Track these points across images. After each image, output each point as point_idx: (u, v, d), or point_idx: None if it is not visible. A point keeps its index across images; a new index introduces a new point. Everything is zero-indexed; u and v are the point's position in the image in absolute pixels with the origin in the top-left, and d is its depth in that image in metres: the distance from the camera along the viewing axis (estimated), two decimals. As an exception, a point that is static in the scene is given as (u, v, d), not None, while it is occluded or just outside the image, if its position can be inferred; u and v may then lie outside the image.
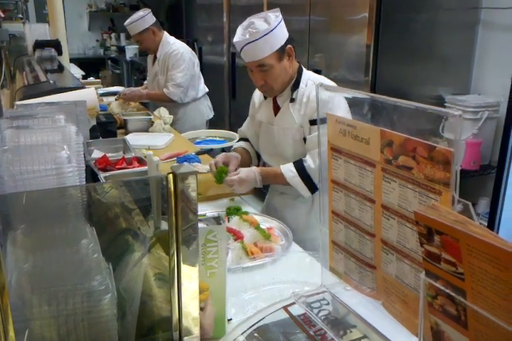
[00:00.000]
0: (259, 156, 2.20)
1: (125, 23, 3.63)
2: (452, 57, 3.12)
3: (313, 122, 1.85)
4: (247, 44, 1.79)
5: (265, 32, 1.77)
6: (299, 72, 1.95)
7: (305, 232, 1.85)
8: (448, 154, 0.57)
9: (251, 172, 1.89)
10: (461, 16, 3.09)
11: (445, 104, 3.10)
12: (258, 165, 2.18)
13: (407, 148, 0.63)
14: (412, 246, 0.67)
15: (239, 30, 1.84)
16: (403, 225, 0.68)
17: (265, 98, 2.05)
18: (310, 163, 1.82)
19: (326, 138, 0.82)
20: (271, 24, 1.79)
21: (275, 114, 2.00)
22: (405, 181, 0.65)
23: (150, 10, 3.65)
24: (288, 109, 1.93)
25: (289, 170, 1.86)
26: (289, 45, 1.88)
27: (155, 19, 3.66)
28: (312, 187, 1.84)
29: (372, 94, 0.74)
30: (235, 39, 1.83)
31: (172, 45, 3.67)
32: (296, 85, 1.91)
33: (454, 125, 0.56)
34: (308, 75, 1.95)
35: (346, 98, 1.27)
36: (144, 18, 3.56)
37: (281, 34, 1.85)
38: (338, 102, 1.59)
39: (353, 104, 0.73)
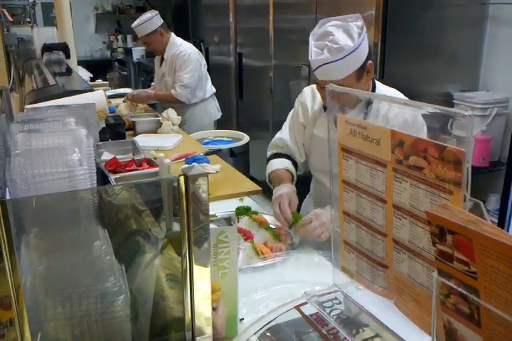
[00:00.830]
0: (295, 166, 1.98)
1: (133, 25, 3.63)
2: (460, 53, 3.10)
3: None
4: (325, 64, 1.53)
5: (349, 51, 1.51)
6: (373, 86, 1.72)
7: None
8: (459, 154, 0.57)
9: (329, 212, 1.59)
10: (469, 12, 3.08)
11: (453, 101, 3.08)
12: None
13: (418, 148, 0.64)
14: (423, 245, 0.68)
15: (313, 41, 1.57)
16: (415, 225, 0.68)
17: (325, 109, 1.78)
18: None
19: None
20: (355, 41, 1.53)
21: None
22: (416, 181, 0.65)
23: (157, 12, 3.66)
24: None
25: None
26: (369, 61, 1.61)
27: (162, 21, 3.67)
28: None
29: (381, 95, 0.74)
30: (312, 56, 1.56)
31: (179, 46, 3.68)
32: (369, 101, 1.63)
33: (464, 125, 0.56)
34: (382, 90, 1.73)
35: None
36: (151, 20, 3.57)
37: (365, 51, 1.58)
38: (421, 125, 1.41)
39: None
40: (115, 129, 2.70)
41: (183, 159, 2.48)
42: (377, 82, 1.76)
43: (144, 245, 1.08)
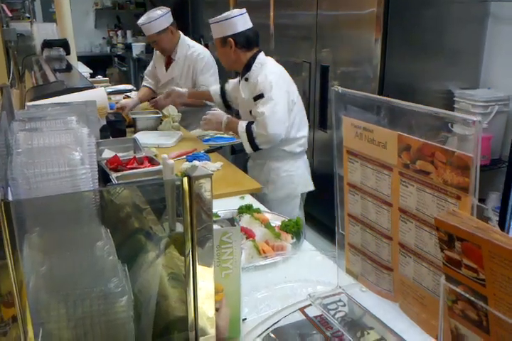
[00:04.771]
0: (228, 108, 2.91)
1: (140, 22, 3.31)
2: (461, 51, 3.10)
3: (255, 98, 2.42)
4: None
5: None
6: (253, 57, 2.48)
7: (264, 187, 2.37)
8: (467, 159, 0.57)
9: (221, 115, 2.60)
10: (470, 10, 3.07)
11: (454, 99, 3.08)
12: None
13: (425, 152, 0.63)
14: (429, 250, 0.67)
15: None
16: (421, 229, 0.68)
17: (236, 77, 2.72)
18: (254, 127, 2.41)
19: (343, 139, 0.81)
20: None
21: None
22: (423, 185, 0.65)
23: (169, 9, 3.39)
24: (242, 86, 2.54)
25: (242, 125, 2.46)
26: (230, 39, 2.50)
27: (173, 19, 3.41)
28: (253, 145, 2.43)
29: (385, 99, 0.74)
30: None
31: (192, 48, 3.44)
32: (247, 68, 2.49)
33: (472, 130, 0.56)
34: (261, 60, 2.49)
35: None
36: (163, 17, 3.30)
37: None
38: (269, 82, 2.40)
39: (368, 107, 0.73)
40: (116, 126, 2.69)
41: (184, 156, 2.48)
42: (262, 55, 2.56)
43: (146, 245, 1.08)
